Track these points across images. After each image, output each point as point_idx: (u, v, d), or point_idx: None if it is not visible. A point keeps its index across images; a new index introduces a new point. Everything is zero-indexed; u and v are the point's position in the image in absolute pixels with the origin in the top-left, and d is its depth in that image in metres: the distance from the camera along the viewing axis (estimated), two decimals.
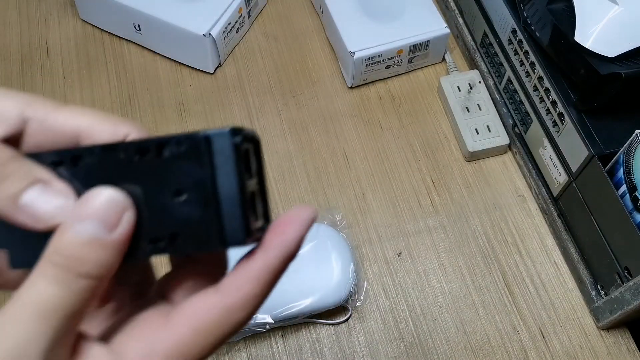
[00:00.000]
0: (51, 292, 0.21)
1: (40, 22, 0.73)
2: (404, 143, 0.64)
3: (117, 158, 0.23)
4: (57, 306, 0.21)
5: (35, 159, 0.24)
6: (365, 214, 0.60)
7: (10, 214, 0.23)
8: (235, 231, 0.22)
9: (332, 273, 0.53)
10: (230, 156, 0.22)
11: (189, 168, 0.22)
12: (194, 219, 0.22)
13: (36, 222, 0.22)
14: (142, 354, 0.22)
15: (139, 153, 0.23)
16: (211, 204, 0.22)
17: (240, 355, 0.53)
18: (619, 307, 0.50)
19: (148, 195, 0.23)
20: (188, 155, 0.22)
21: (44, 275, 0.21)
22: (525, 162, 0.61)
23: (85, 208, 0.22)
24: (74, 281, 0.21)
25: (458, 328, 0.54)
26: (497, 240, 0.58)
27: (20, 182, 0.23)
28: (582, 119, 0.51)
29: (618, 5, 0.48)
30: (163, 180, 0.22)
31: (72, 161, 0.23)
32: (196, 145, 0.22)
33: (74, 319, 0.22)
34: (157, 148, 0.22)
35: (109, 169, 0.23)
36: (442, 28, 0.65)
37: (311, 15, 0.73)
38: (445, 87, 0.65)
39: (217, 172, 0.22)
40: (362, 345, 0.54)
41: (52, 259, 0.21)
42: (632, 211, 0.47)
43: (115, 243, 0.22)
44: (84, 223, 0.22)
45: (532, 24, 0.55)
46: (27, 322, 0.21)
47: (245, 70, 0.69)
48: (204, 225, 0.22)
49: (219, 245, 0.22)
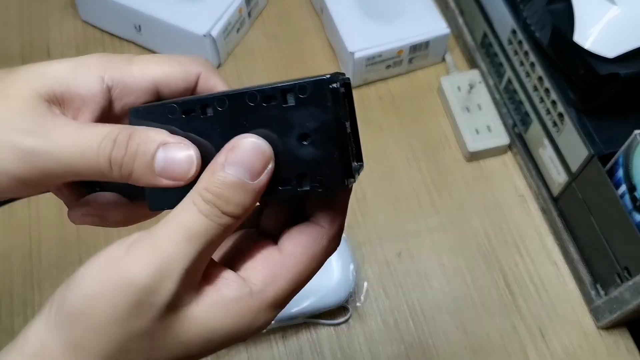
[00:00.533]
0: (200, 221, 0.24)
1: (41, 22, 0.73)
2: (404, 143, 0.64)
3: (244, 106, 0.25)
4: (202, 234, 0.24)
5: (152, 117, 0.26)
6: (366, 214, 0.60)
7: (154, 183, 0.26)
8: (348, 171, 0.24)
9: (332, 273, 0.53)
10: (340, 99, 0.24)
11: (313, 112, 0.24)
12: (319, 160, 0.24)
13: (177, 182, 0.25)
14: (266, 280, 0.26)
15: (264, 100, 0.24)
16: (334, 145, 0.24)
17: (240, 355, 0.53)
18: (618, 306, 0.50)
19: (277, 140, 0.24)
20: (311, 100, 0.24)
21: (195, 206, 0.24)
22: (525, 162, 0.61)
23: (234, 153, 0.24)
24: (219, 216, 0.24)
25: (458, 328, 0.54)
26: (497, 240, 0.59)
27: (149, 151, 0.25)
28: (581, 119, 0.51)
29: (617, 6, 0.48)
30: (289, 124, 0.24)
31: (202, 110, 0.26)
32: (319, 90, 0.23)
33: (213, 247, 0.25)
34: (281, 94, 0.24)
35: (239, 116, 0.25)
36: (442, 28, 0.65)
37: (311, 15, 0.73)
38: (445, 87, 0.65)
39: (336, 115, 0.23)
40: (363, 346, 0.54)
41: (202, 194, 0.24)
42: (632, 211, 0.47)
43: (257, 188, 0.24)
44: (234, 167, 0.24)
45: (531, 24, 0.55)
46: (176, 241, 0.24)
47: (245, 71, 0.69)
48: (328, 165, 0.24)
49: (340, 184, 0.24)
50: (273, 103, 0.24)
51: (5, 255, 0.57)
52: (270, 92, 0.24)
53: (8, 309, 0.55)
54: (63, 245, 0.58)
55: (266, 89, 0.24)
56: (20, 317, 0.55)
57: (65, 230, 0.58)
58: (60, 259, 0.57)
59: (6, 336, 0.54)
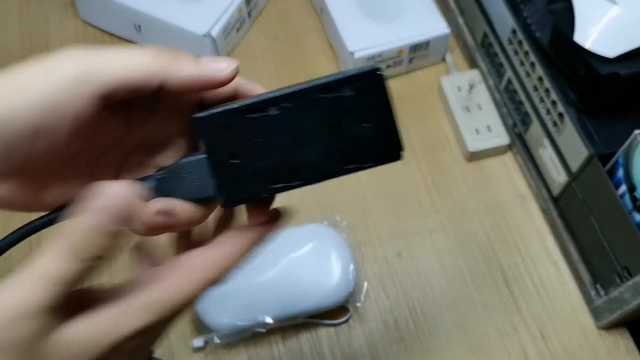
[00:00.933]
0: (57, 266, 0.24)
1: (41, 22, 0.73)
2: (404, 143, 0.64)
3: (308, 100, 0.27)
4: (60, 278, 0.24)
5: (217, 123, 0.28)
6: (365, 214, 0.60)
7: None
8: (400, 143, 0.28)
9: (332, 273, 0.53)
10: (385, 86, 0.28)
11: (368, 97, 0.27)
12: (377, 138, 0.28)
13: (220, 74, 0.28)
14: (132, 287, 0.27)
15: (324, 92, 0.27)
16: (388, 123, 0.28)
17: (240, 355, 0.53)
18: (618, 306, 0.50)
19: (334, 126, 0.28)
20: (366, 87, 0.27)
21: (52, 251, 0.24)
22: (525, 162, 0.61)
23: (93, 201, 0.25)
24: (76, 261, 0.24)
25: (458, 328, 0.54)
26: (497, 240, 0.59)
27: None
28: (581, 119, 0.51)
29: (617, 6, 0.48)
30: (349, 111, 0.27)
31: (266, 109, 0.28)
32: (372, 78, 0.27)
33: (75, 286, 0.25)
34: (339, 84, 0.27)
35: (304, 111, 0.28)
36: (442, 28, 0.65)
37: (311, 15, 0.73)
38: (445, 87, 0.65)
39: (387, 97, 0.28)
40: (362, 346, 0.54)
41: (58, 240, 0.25)
42: (632, 211, 0.47)
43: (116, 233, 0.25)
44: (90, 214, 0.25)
45: (532, 24, 0.55)
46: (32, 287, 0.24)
47: (245, 71, 0.68)
48: (385, 141, 0.28)
49: (397, 156, 0.28)
50: (332, 95, 0.27)
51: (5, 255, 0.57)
52: (331, 84, 0.27)
53: None
54: None
55: (327, 82, 0.27)
56: None
57: None
58: None
59: None
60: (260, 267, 0.52)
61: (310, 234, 0.55)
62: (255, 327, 0.52)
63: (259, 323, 0.51)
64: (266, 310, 0.51)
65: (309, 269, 0.53)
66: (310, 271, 0.53)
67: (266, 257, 0.53)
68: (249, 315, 0.51)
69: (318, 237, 0.55)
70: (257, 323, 0.51)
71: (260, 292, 0.52)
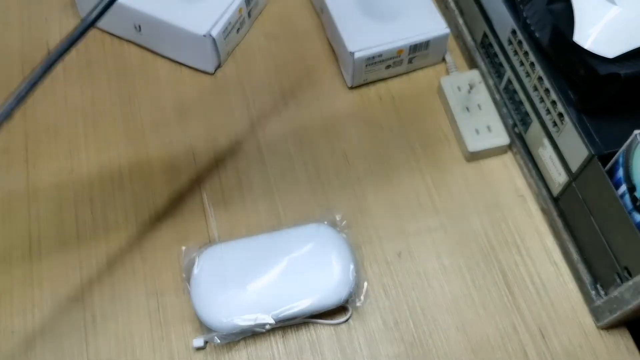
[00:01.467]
0: None
1: (41, 22, 0.73)
2: (404, 143, 0.64)
3: None
4: None
5: None
6: (365, 214, 0.60)
7: None
8: None
9: (332, 273, 0.53)
10: None
11: None
12: None
13: None
14: None
15: None
16: None
17: (240, 355, 0.53)
18: (618, 306, 0.50)
19: None
20: None
21: None
22: (525, 162, 0.61)
23: None
24: None
25: (458, 328, 0.54)
26: (497, 240, 0.59)
27: None
28: (581, 119, 0.51)
29: (617, 6, 0.48)
30: None
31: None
32: None
33: None
34: None
35: None
36: (442, 28, 0.65)
37: (311, 15, 0.73)
38: (445, 87, 0.65)
39: None
40: (363, 346, 0.54)
41: None
42: (632, 211, 0.47)
43: None
44: None
45: (531, 24, 0.55)
46: None
47: (245, 71, 0.69)
48: None
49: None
50: None
51: (5, 255, 0.57)
52: None
53: (8, 309, 0.55)
54: (63, 245, 0.58)
55: None
56: (20, 317, 0.55)
57: (65, 229, 0.58)
58: (60, 258, 0.57)
59: (6, 336, 0.54)
60: (261, 267, 0.53)
61: (310, 234, 0.55)
62: (255, 327, 0.52)
63: (259, 323, 0.51)
64: (266, 310, 0.52)
65: (309, 269, 0.53)
66: (310, 271, 0.53)
67: (266, 257, 0.53)
68: (249, 315, 0.51)
69: (318, 237, 0.55)
70: (257, 323, 0.51)
71: (260, 292, 0.52)
